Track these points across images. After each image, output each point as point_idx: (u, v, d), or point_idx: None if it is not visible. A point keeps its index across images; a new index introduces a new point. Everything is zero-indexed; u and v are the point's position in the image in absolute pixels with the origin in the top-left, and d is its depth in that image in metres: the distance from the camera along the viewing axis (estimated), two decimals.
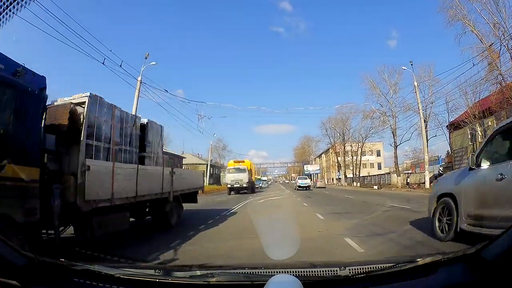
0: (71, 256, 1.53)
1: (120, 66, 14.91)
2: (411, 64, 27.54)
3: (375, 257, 4.33)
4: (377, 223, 7.17)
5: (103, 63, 13.70)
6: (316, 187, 38.06)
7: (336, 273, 1.48)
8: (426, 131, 27.57)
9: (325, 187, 39.60)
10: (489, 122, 22.11)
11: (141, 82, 18.21)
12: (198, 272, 1.63)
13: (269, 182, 57.33)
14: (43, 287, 1.22)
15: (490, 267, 1.05)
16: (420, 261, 1.35)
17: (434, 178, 24.49)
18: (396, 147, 34.75)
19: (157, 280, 1.32)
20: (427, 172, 25.79)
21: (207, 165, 44.97)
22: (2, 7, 1.29)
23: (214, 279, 1.39)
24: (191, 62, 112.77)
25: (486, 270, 1.07)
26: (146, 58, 19.46)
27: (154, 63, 20.42)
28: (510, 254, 0.99)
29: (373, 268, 1.43)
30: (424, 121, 26.85)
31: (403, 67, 28.66)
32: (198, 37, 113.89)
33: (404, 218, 7.69)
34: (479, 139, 24.78)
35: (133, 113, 17.86)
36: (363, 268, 1.43)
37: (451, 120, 28.18)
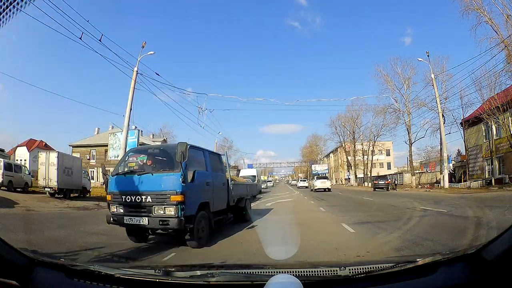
0: (71, 256, 1.55)
1: (100, 40, 13.43)
2: (428, 56, 25.46)
3: (376, 257, 4.22)
4: (427, 236, 5.47)
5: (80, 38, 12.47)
6: (316, 189, 28.28)
7: (336, 273, 1.47)
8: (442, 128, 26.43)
9: (329, 189, 28.37)
10: (504, 119, 21.41)
11: (137, 73, 17.45)
12: (198, 272, 1.64)
13: (271, 184, 49.94)
14: (43, 287, 1.24)
15: (490, 267, 1.04)
16: (420, 261, 1.33)
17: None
18: (411, 144, 33.67)
19: (157, 280, 1.33)
20: (446, 170, 24.71)
21: None
22: (2, 7, 1.31)
23: (214, 279, 1.39)
24: (198, 57, 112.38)
25: (486, 270, 1.06)
26: (143, 47, 18.05)
27: (151, 52, 19.12)
28: (510, 254, 0.97)
29: (373, 268, 1.41)
30: (442, 115, 25.76)
31: (419, 59, 27.32)
32: (205, 33, 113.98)
33: (454, 228, 6.20)
34: (494, 137, 24.13)
35: (129, 105, 17.82)
36: (363, 268, 1.41)
37: (465, 116, 27.37)
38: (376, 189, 24.44)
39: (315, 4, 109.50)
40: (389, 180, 25.15)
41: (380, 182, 25.17)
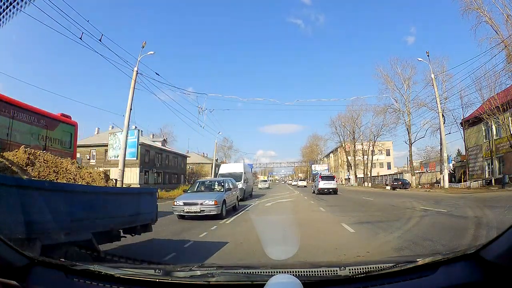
0: (71, 256, 1.55)
1: (100, 40, 13.57)
2: (428, 56, 25.63)
3: (376, 257, 4.23)
4: (427, 237, 5.47)
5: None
6: (298, 186, 46.26)
7: (336, 273, 1.46)
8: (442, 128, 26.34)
9: (305, 186, 45.58)
10: (504, 119, 21.41)
11: (137, 73, 17.44)
12: (198, 272, 1.64)
13: (266, 185, 45.01)
14: (43, 287, 1.25)
15: (490, 267, 1.04)
16: (420, 261, 1.33)
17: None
18: (411, 144, 33.71)
19: (157, 280, 1.33)
20: (445, 170, 24.77)
21: (212, 164, 45.02)
22: (2, 7, 1.31)
23: (214, 279, 1.39)
24: (199, 57, 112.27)
25: (486, 270, 1.06)
26: (143, 47, 18.01)
27: (151, 52, 19.10)
28: (510, 254, 0.97)
29: (373, 268, 1.41)
30: (442, 115, 25.76)
31: (419, 59, 27.27)
32: (205, 34, 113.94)
33: (454, 228, 6.19)
34: (494, 137, 24.15)
35: (129, 105, 17.43)
36: (363, 268, 1.40)
37: (465, 116, 27.38)
38: (395, 189, 29.75)
39: (318, 3, 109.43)
40: (401, 182, 31.07)
41: (395, 183, 31.47)
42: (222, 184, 10.78)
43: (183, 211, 8.71)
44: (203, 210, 8.55)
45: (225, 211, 9.48)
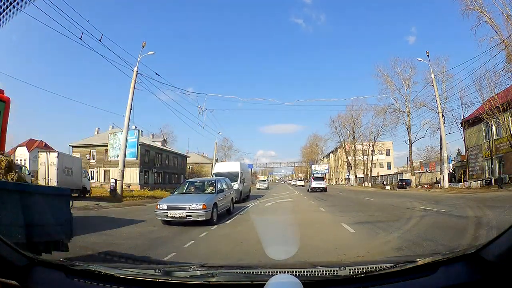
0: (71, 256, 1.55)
1: (100, 40, 14.08)
2: (428, 56, 25.69)
3: (375, 257, 4.23)
4: (427, 237, 5.46)
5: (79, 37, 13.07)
6: (297, 185, 48.16)
7: (336, 273, 1.47)
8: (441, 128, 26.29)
9: (303, 186, 46.84)
10: (504, 119, 21.41)
11: (137, 73, 17.59)
12: (198, 272, 1.64)
13: (265, 186, 42.50)
14: (43, 287, 1.25)
15: (490, 267, 1.04)
16: (420, 261, 1.33)
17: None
18: (411, 144, 33.68)
19: (157, 280, 1.33)
20: (445, 170, 24.79)
21: (212, 164, 45.00)
22: (2, 7, 1.32)
23: (214, 279, 1.39)
24: (199, 57, 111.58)
25: (486, 270, 1.06)
26: (143, 47, 18.09)
27: (151, 52, 19.22)
28: (510, 254, 0.97)
29: (373, 268, 1.41)
30: (442, 115, 25.79)
31: (419, 59, 27.23)
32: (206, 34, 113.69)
33: (454, 228, 6.20)
34: (494, 137, 24.17)
35: (129, 105, 17.65)
36: (363, 268, 1.41)
37: (465, 116, 27.38)
38: (399, 189, 30.84)
39: (319, 2, 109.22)
40: (405, 182, 32.25)
41: (399, 184, 32.61)
42: (214, 184, 9.66)
43: (167, 216, 7.77)
44: (190, 216, 7.56)
45: (216, 216, 8.30)
